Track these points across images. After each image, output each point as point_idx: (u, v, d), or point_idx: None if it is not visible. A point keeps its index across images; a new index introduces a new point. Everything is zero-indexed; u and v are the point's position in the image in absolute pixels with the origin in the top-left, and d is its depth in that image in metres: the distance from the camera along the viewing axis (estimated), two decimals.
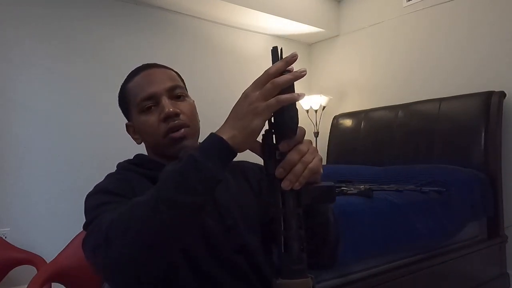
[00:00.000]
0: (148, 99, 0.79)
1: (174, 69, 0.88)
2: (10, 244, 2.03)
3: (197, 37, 3.04)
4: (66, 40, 2.46)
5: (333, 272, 1.52)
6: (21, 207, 2.23)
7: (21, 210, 2.23)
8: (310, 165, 0.59)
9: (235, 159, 0.92)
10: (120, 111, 0.87)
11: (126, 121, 0.88)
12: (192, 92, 0.89)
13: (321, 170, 0.62)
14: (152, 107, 0.79)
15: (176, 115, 0.77)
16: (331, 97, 3.33)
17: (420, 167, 2.37)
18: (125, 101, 0.84)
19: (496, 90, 2.40)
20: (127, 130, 0.88)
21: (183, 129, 0.78)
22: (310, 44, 3.77)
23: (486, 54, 2.55)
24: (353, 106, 3.33)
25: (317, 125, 3.37)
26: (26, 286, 1.71)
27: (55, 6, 2.43)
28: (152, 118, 0.78)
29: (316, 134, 3.39)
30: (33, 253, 1.97)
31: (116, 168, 0.86)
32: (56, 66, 2.42)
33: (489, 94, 2.39)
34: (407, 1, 3.01)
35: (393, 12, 3.10)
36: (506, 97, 2.40)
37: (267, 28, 3.33)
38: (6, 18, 2.26)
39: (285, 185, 0.58)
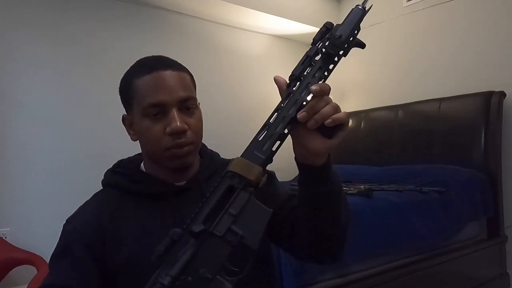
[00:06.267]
0: (156, 106, 0.72)
1: (186, 68, 0.82)
2: (10, 244, 2.03)
3: (197, 37, 3.04)
4: (68, 41, 2.46)
5: (333, 272, 1.52)
6: (21, 207, 2.23)
7: (21, 210, 2.23)
8: (329, 112, 0.61)
9: (229, 158, 0.92)
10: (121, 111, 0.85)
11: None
12: None
13: (346, 123, 0.63)
14: (158, 115, 0.73)
15: (184, 132, 0.73)
16: (331, 97, 3.32)
17: (420, 167, 2.37)
18: (128, 94, 0.77)
19: (496, 90, 2.40)
20: (122, 122, 0.82)
21: (187, 147, 0.74)
22: (310, 44, 3.75)
23: (486, 54, 2.55)
24: (353, 106, 3.33)
25: None
26: (26, 286, 1.71)
27: (57, 7, 2.42)
28: (156, 128, 0.73)
29: None
30: (33, 253, 1.97)
31: (103, 177, 0.84)
32: (58, 67, 2.41)
33: (489, 94, 2.39)
34: (407, 1, 3.01)
35: (393, 12, 3.10)
36: (506, 97, 2.40)
37: (267, 28, 3.33)
38: (9, 19, 2.26)
39: (301, 115, 0.60)
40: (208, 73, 3.05)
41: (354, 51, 0.68)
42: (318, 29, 0.69)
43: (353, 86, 3.40)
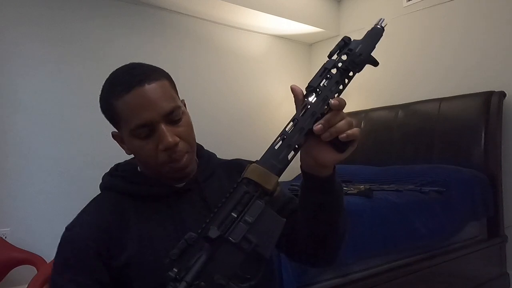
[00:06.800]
0: (144, 126, 0.70)
1: (162, 69, 0.78)
2: (10, 244, 2.03)
3: (197, 37, 3.04)
4: (68, 41, 2.46)
5: (333, 272, 1.52)
6: (21, 207, 2.23)
7: (21, 210, 2.23)
8: (344, 127, 0.62)
9: (229, 158, 0.92)
10: None
11: None
12: (192, 92, 0.87)
13: (358, 139, 0.64)
14: (148, 133, 0.72)
15: (176, 144, 0.72)
16: None
17: (420, 167, 2.37)
18: (112, 115, 0.75)
19: (496, 90, 2.40)
20: (113, 138, 0.81)
21: (183, 158, 0.74)
22: (310, 44, 3.77)
23: (486, 54, 2.55)
24: (353, 106, 3.32)
25: None
26: (26, 286, 1.71)
27: (56, 7, 2.42)
28: (148, 146, 0.72)
29: None
30: (33, 253, 1.97)
31: (101, 181, 0.83)
32: (58, 67, 2.42)
33: (489, 94, 2.39)
34: (407, 1, 3.01)
35: (393, 12, 3.10)
36: (506, 97, 2.40)
37: (267, 28, 3.33)
38: (8, 19, 2.26)
39: (317, 128, 0.61)
40: (208, 73, 3.05)
41: None
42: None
43: (353, 86, 3.38)
